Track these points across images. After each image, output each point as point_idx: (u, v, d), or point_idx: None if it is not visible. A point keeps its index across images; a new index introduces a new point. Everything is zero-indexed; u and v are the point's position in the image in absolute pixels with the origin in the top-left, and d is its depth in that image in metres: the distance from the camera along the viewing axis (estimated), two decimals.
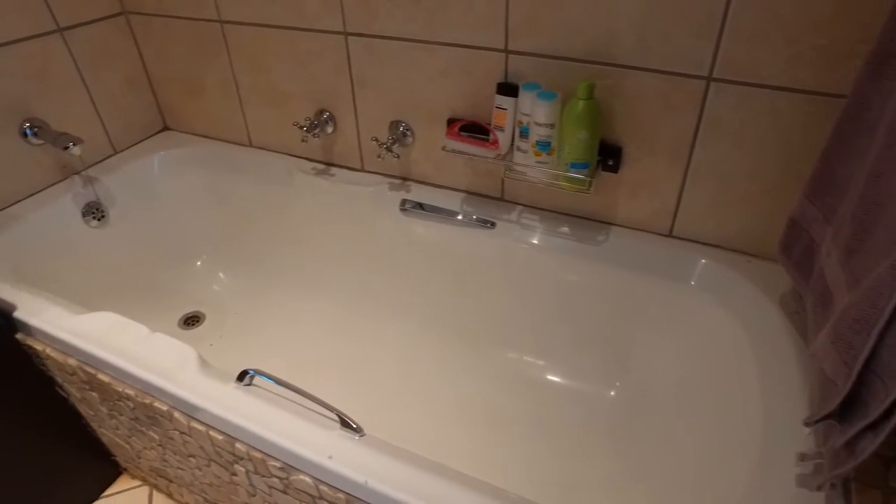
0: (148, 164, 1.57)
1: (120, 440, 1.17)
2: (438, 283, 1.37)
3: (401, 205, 1.34)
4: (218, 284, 1.64)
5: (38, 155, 1.41)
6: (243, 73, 1.45)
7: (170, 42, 1.51)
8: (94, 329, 1.00)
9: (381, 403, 1.29)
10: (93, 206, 1.47)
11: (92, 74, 1.49)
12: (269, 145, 1.55)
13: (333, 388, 0.87)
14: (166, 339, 0.98)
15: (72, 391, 1.12)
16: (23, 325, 1.04)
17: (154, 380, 0.90)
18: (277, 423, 0.82)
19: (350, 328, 1.48)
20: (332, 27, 1.25)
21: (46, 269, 1.35)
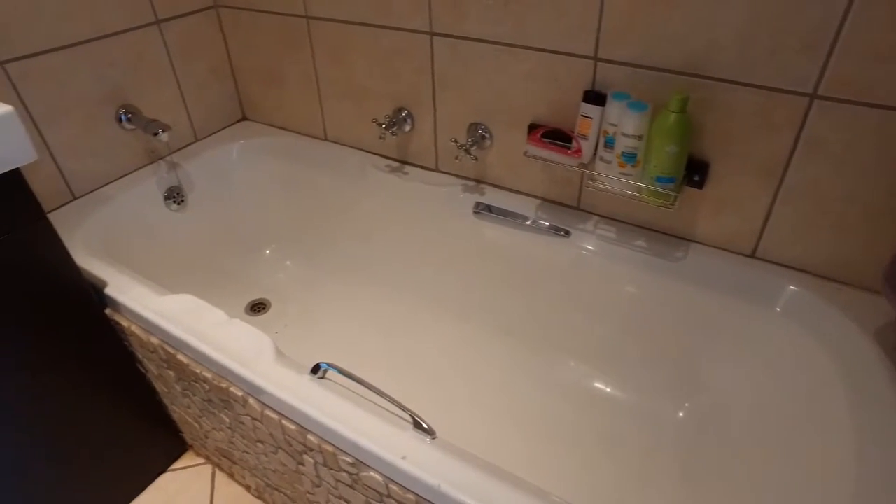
0: (227, 152, 1.61)
1: (190, 419, 1.21)
2: (506, 289, 1.36)
3: (474, 207, 1.33)
4: (285, 274, 1.67)
5: (130, 139, 1.47)
6: (324, 68, 1.47)
7: (255, 35, 1.55)
8: (175, 310, 1.04)
9: (439, 405, 1.29)
10: (174, 190, 1.53)
11: (181, 64, 1.54)
12: (344, 140, 1.57)
13: (392, 386, 0.87)
14: (243, 325, 1.00)
15: (150, 367, 1.16)
16: (112, 301, 1.09)
17: (232, 365, 0.92)
18: (352, 418, 0.83)
19: (412, 327, 1.48)
20: (419, 27, 1.25)
21: (129, 248, 1.40)
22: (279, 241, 1.70)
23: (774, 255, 1.11)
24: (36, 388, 1.01)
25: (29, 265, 0.93)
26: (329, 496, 0.96)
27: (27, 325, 0.96)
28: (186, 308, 1.04)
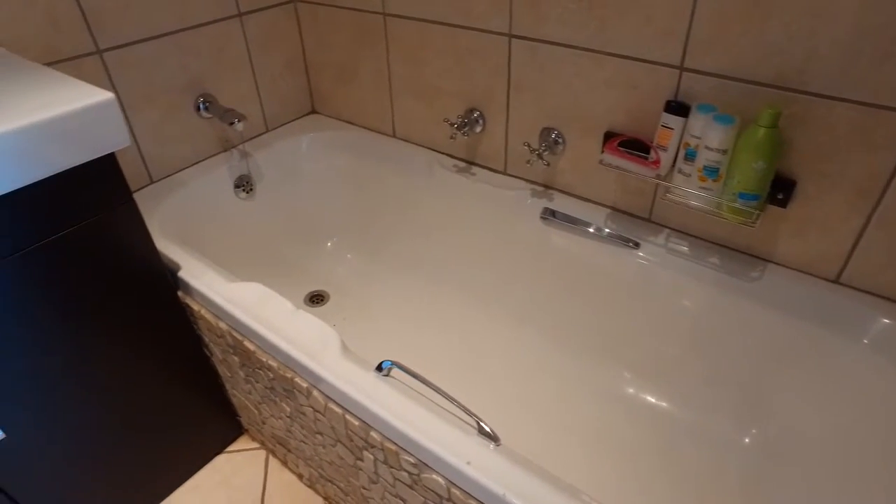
0: (297, 144, 1.64)
1: (250, 404, 1.23)
2: (569, 296, 1.34)
3: (542, 213, 1.31)
4: (345, 267, 1.69)
5: (206, 127, 1.51)
6: (398, 65, 1.48)
7: (331, 30, 1.57)
8: (244, 297, 1.06)
9: (493, 408, 1.27)
10: (244, 178, 1.56)
11: (258, 57, 1.57)
12: (412, 137, 1.57)
13: (447, 386, 0.86)
14: (310, 317, 1.01)
15: (215, 351, 1.18)
16: (184, 285, 1.12)
17: (299, 357, 0.93)
18: (417, 419, 0.82)
19: (470, 328, 1.48)
20: (498, 28, 1.24)
21: (199, 233, 1.44)
22: (341, 234, 1.72)
23: (862, 281, 1.05)
24: (111, 361, 1.04)
25: (115, 244, 0.96)
26: (385, 493, 0.96)
27: (108, 301, 0.99)
28: (255, 296, 1.06)
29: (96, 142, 0.86)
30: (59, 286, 0.92)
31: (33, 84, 0.93)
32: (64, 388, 0.99)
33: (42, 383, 0.96)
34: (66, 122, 0.82)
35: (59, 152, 0.82)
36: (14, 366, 0.91)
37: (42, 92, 0.89)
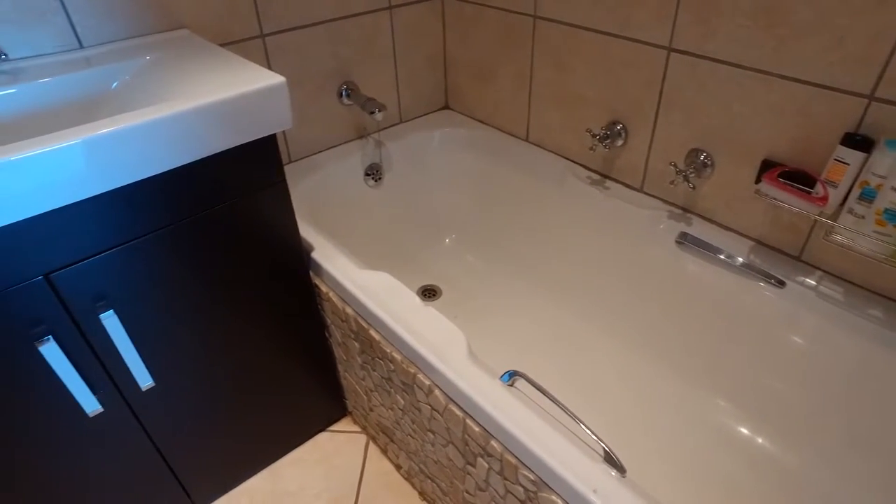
0: (429, 138, 1.65)
1: (360, 390, 1.26)
2: (697, 326, 1.27)
3: (679, 237, 1.25)
4: (461, 265, 1.69)
5: (345, 114, 1.56)
6: (542, 69, 1.45)
7: (476, 28, 1.57)
8: (373, 286, 1.07)
9: (605, 434, 1.23)
10: (374, 167, 1.60)
11: (402, 49, 1.60)
12: (546, 144, 1.54)
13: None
14: (437, 315, 1.01)
15: (335, 334, 1.22)
16: (315, 266, 1.15)
17: (426, 354, 0.93)
18: (543, 435, 0.80)
19: (583, 343, 1.43)
20: (657, 40, 1.18)
21: (328, 216, 1.49)
22: (461, 231, 1.73)
23: None
24: (242, 329, 1.10)
25: (263, 221, 1.01)
26: (491, 503, 0.95)
27: (247, 273, 1.04)
28: (384, 286, 1.07)
29: (264, 122, 0.90)
30: (209, 255, 0.97)
31: (214, 64, 0.99)
32: (202, 347, 1.05)
33: (186, 342, 1.02)
34: (242, 102, 0.86)
35: (232, 129, 0.87)
36: (166, 323, 0.98)
37: (221, 72, 0.94)
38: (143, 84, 1.01)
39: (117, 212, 0.84)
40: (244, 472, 1.31)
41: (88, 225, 0.82)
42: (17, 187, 0.72)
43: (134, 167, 0.81)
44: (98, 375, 0.94)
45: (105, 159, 0.77)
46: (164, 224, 0.90)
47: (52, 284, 0.83)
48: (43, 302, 0.83)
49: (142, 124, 0.79)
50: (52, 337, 0.84)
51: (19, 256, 0.78)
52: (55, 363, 0.85)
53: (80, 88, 1.02)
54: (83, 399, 0.91)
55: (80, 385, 0.89)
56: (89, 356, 0.91)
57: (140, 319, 0.94)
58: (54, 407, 0.92)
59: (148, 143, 0.80)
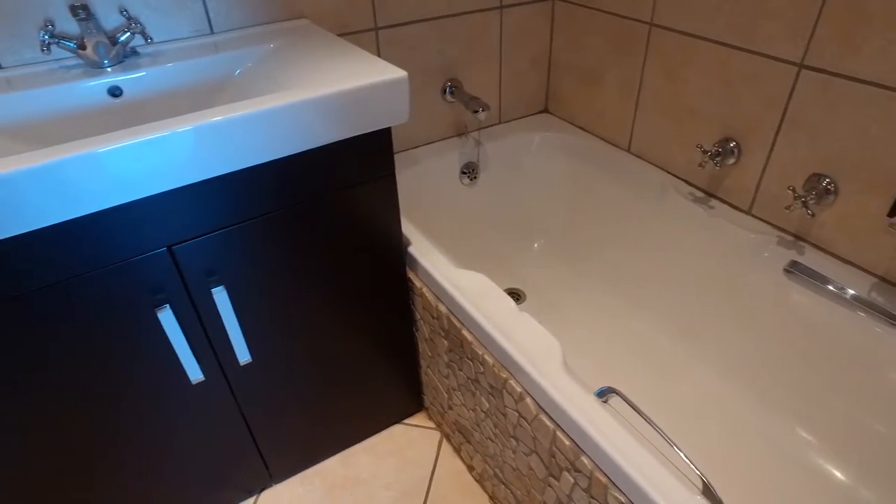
0: (527, 140, 1.64)
1: (442, 387, 1.26)
2: (799, 362, 1.19)
3: (788, 265, 1.18)
4: (547, 271, 1.67)
5: (446, 111, 1.56)
6: (652, 79, 1.41)
7: (585, 33, 1.54)
8: (468, 286, 1.07)
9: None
10: (471, 166, 1.59)
11: (508, 50, 1.59)
12: (648, 156, 1.50)
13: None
14: (533, 322, 0.99)
15: (423, 329, 1.22)
16: (411, 260, 1.16)
17: (521, 361, 0.92)
18: (639, 459, 0.77)
19: (669, 364, 1.38)
20: (786, 55, 1.12)
21: (423, 211, 1.50)
22: (551, 237, 1.70)
23: None
24: (335, 314, 1.12)
25: (369, 211, 1.02)
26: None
27: (348, 260, 1.06)
28: (479, 287, 1.07)
29: (382, 115, 0.91)
30: (314, 241, 0.99)
31: (335, 54, 1.01)
32: (297, 329, 1.08)
33: (283, 322, 1.05)
34: (364, 94, 0.87)
35: (352, 120, 0.88)
36: (267, 303, 1.01)
37: (343, 63, 0.96)
38: (267, 70, 1.04)
39: (234, 193, 0.87)
40: (320, 453, 1.34)
41: (208, 203, 0.86)
42: (149, 165, 0.76)
43: (255, 151, 0.83)
44: (203, 347, 0.98)
45: (229, 142, 0.80)
46: (275, 208, 0.92)
47: (174, 256, 0.87)
48: (164, 272, 0.87)
49: (266, 110, 0.81)
50: (169, 305, 0.88)
51: (148, 228, 0.83)
52: (170, 330, 0.90)
53: (209, 72, 1.07)
54: (189, 366, 0.95)
55: (188, 353, 0.94)
56: (198, 327, 0.96)
57: (245, 297, 0.98)
58: (162, 371, 0.97)
59: (271, 130, 0.83)
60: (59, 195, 0.72)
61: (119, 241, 0.81)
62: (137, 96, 1.03)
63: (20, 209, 0.71)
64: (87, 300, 0.83)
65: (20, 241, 0.75)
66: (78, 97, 0.99)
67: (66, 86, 0.98)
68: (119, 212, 0.80)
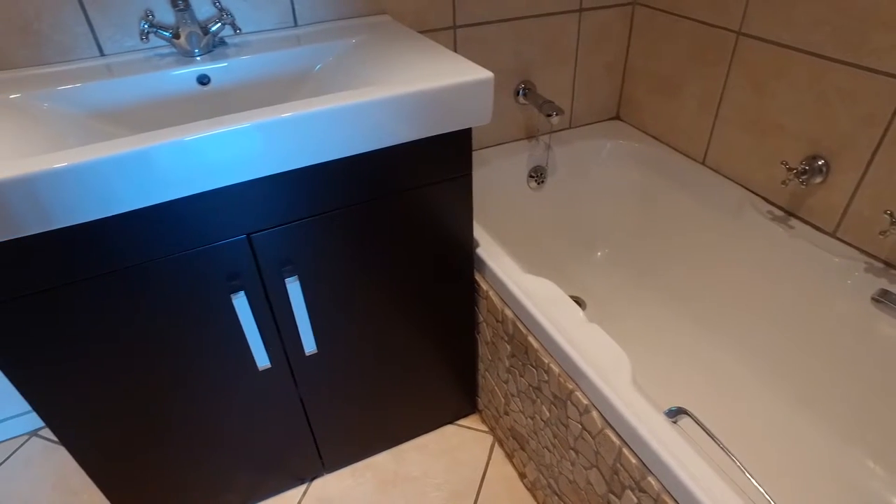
0: (598, 147, 1.60)
1: (499, 392, 1.25)
2: (883, 397, 1.12)
3: (878, 294, 1.11)
4: (609, 282, 1.63)
5: (518, 113, 1.55)
6: (735, 91, 1.35)
7: (665, 39, 1.49)
8: (536, 292, 1.05)
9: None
10: (539, 170, 1.57)
11: (584, 54, 1.56)
12: (724, 170, 1.44)
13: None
14: (602, 333, 0.97)
15: (486, 332, 1.21)
16: (479, 262, 1.15)
17: (590, 373, 0.89)
18: (711, 484, 0.74)
19: (736, 388, 1.33)
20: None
21: (487, 212, 1.49)
22: (614, 247, 1.67)
23: None
24: (399, 311, 1.12)
25: (443, 210, 1.02)
26: None
27: (418, 257, 1.06)
28: (548, 294, 1.05)
29: (465, 115, 0.90)
30: (386, 237, 1.00)
31: (418, 52, 1.01)
32: (361, 323, 1.09)
33: (348, 316, 1.06)
34: (449, 93, 0.87)
35: (434, 119, 0.88)
36: (335, 296, 1.02)
37: (426, 61, 0.95)
38: (349, 65, 1.05)
39: (313, 185, 0.88)
40: (372, 446, 1.35)
41: (287, 194, 0.87)
42: (235, 154, 0.78)
43: (338, 146, 0.84)
44: (271, 334, 1.00)
45: (314, 136, 0.81)
46: (351, 202, 0.93)
47: (252, 244, 0.89)
48: (242, 259, 0.89)
49: (353, 105, 0.81)
50: (244, 292, 0.90)
51: (230, 216, 0.85)
52: (243, 316, 0.91)
53: (292, 64, 1.09)
54: (257, 353, 0.97)
55: (258, 340, 0.96)
56: (268, 316, 0.97)
57: (315, 288, 0.99)
58: (231, 355, 0.99)
59: (355, 125, 0.83)
60: (151, 180, 0.74)
61: (202, 227, 0.83)
62: (223, 85, 1.06)
63: (114, 192, 0.73)
64: (168, 281, 0.86)
65: (113, 222, 0.77)
66: (170, 84, 1.02)
67: (160, 73, 1.01)
68: (203, 198, 0.81)
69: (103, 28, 1.06)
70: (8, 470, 1.40)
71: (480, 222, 1.33)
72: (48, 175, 0.69)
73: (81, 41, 1.05)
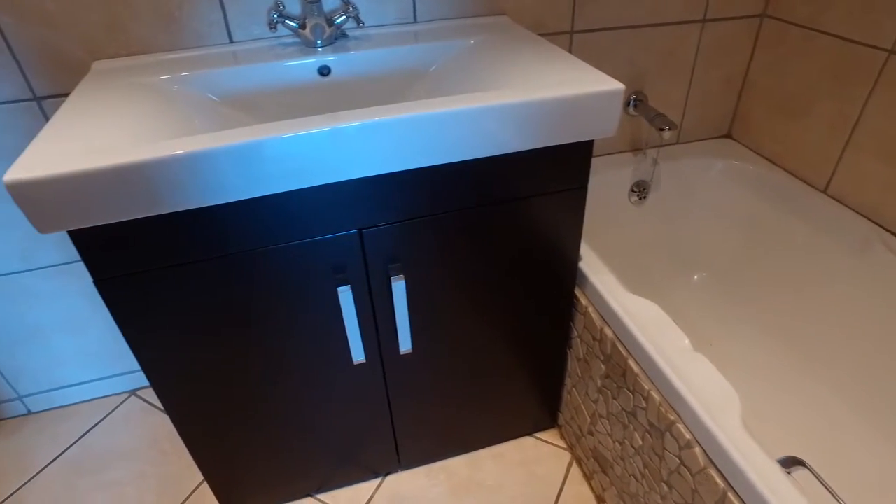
0: (707, 166, 1.53)
1: (585, 410, 1.21)
2: None
3: None
4: (705, 308, 1.55)
5: (627, 124, 1.49)
6: (876, 115, 1.25)
7: (796, 55, 1.39)
8: (640, 314, 1.01)
9: None
10: (642, 184, 1.51)
11: (701, 67, 1.49)
12: (850, 200, 1.33)
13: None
14: (709, 366, 0.91)
15: (579, 348, 1.18)
16: (581, 277, 1.12)
17: (697, 409, 0.84)
18: None
19: (854, 440, 1.23)
20: None
21: (585, 223, 1.44)
22: (715, 272, 1.58)
23: None
24: (495, 316, 1.10)
25: (554, 221, 0.99)
26: None
27: (522, 266, 1.04)
28: (652, 317, 1.00)
29: (590, 126, 0.87)
30: (492, 244, 0.98)
31: (540, 57, 0.98)
32: (456, 327, 1.08)
33: (445, 319, 1.05)
34: (576, 103, 0.84)
35: (558, 129, 0.85)
36: (435, 298, 1.01)
37: (553, 67, 0.93)
38: (467, 65, 1.04)
39: (426, 186, 0.87)
40: (449, 449, 1.35)
41: (401, 193, 0.87)
42: (360, 149, 0.78)
43: (457, 148, 0.82)
44: (369, 331, 1.00)
45: (435, 137, 0.80)
46: (462, 206, 0.92)
47: (362, 239, 0.89)
48: (351, 253, 0.90)
49: (476, 109, 0.80)
50: (349, 285, 0.91)
51: (344, 209, 0.85)
52: (346, 309, 0.92)
53: (410, 60, 1.09)
54: (355, 347, 0.98)
55: (357, 335, 0.96)
56: (368, 312, 0.98)
57: (416, 289, 0.98)
58: (329, 346, 1.00)
59: (476, 128, 0.81)
60: (282, 169, 0.76)
61: (316, 219, 0.84)
62: (342, 77, 1.07)
63: (257, 176, 0.75)
64: (280, 268, 0.87)
65: (233, 207, 0.79)
66: (292, 73, 1.04)
67: (283, 62, 1.04)
68: (320, 191, 0.82)
69: (235, 17, 1.09)
70: (110, 424, 1.49)
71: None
72: (189, 157, 0.71)
73: (214, 29, 1.09)
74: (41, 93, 1.08)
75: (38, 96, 1.08)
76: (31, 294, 1.32)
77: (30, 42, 1.03)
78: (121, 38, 1.06)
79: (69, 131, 0.79)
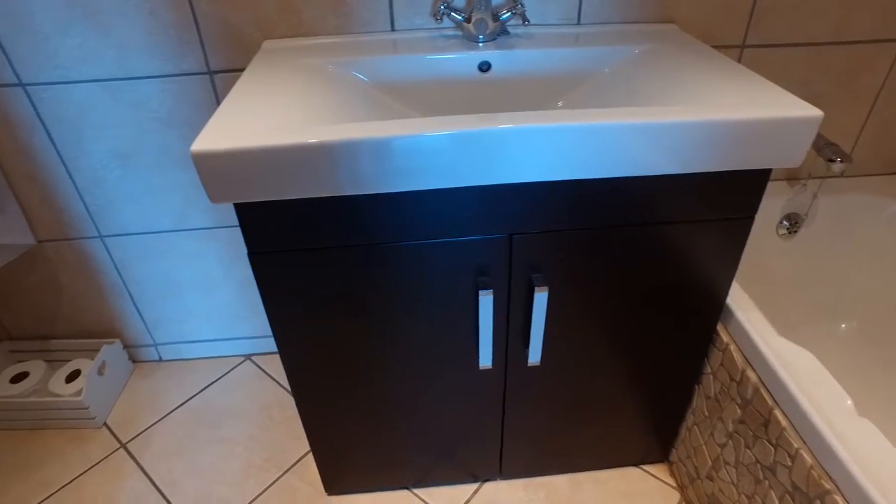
0: (876, 204, 1.38)
1: (707, 452, 1.13)
2: None
3: None
4: (852, 361, 1.41)
5: None
6: None
7: None
8: (793, 363, 0.92)
9: None
10: (794, 217, 1.39)
11: (888, 93, 1.34)
12: None
13: None
14: (877, 433, 0.81)
15: (710, 386, 1.10)
16: (727, 312, 1.03)
17: (863, 483, 0.75)
18: None
19: None
20: None
21: None
22: (866, 322, 1.43)
23: None
24: (627, 337, 1.05)
25: (710, 251, 0.92)
26: None
27: (665, 293, 0.98)
28: (807, 368, 0.91)
29: (776, 153, 0.79)
30: (640, 265, 0.92)
31: (722, 74, 0.91)
32: (586, 345, 1.03)
33: (577, 336, 1.01)
34: (765, 128, 0.77)
35: (738, 153, 0.79)
36: (572, 314, 0.97)
37: (734, 86, 0.86)
38: (633, 75, 0.98)
39: (581, 197, 0.83)
40: (552, 466, 1.30)
41: (554, 202, 0.83)
42: (532, 153, 0.75)
43: (627, 163, 0.77)
44: (500, 338, 0.98)
45: (604, 148, 0.75)
46: (615, 223, 0.87)
47: (511, 245, 0.86)
48: (498, 257, 0.87)
49: (654, 124, 0.74)
50: (491, 290, 0.89)
51: (496, 213, 0.83)
52: (483, 314, 0.90)
53: (571, 64, 1.05)
54: (484, 353, 0.96)
55: (488, 340, 0.94)
56: (503, 318, 0.95)
57: (554, 302, 0.95)
58: (458, 347, 0.99)
59: (651, 144, 0.76)
60: (439, 164, 0.74)
61: (467, 219, 0.83)
62: (502, 74, 1.05)
63: (421, 167, 0.74)
64: (423, 263, 0.87)
65: (381, 199, 0.79)
66: (452, 66, 1.03)
67: (445, 55, 1.03)
68: (473, 191, 0.80)
69: (401, 7, 1.10)
70: (226, 383, 1.57)
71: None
72: (364, 143, 0.71)
73: (380, 16, 1.10)
74: (215, 67, 1.14)
75: (211, 70, 1.14)
76: (178, 252, 1.41)
77: (214, 20, 1.08)
78: (293, 19, 1.09)
79: (245, 107, 0.81)
